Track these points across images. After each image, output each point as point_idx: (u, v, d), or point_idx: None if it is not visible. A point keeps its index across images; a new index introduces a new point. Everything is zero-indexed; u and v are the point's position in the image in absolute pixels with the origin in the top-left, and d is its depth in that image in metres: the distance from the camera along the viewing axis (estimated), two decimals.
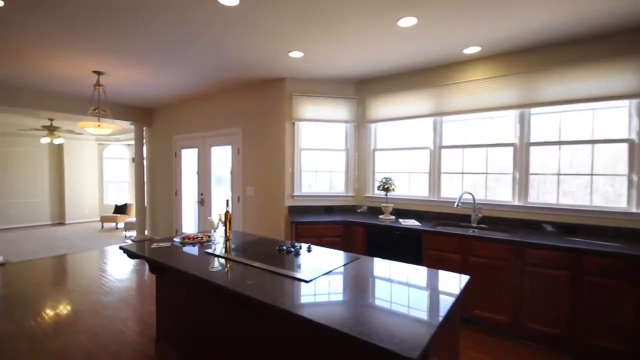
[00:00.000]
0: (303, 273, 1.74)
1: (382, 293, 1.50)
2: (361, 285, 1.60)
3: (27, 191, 8.62)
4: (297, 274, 1.72)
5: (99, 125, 3.89)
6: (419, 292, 1.52)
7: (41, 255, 5.48)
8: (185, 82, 4.50)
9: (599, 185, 2.92)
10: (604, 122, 2.89)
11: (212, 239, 2.54)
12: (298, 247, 2.28)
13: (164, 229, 6.32)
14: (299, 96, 4.15)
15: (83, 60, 3.68)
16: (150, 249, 2.27)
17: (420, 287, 1.58)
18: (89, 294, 3.71)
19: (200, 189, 5.44)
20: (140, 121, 6.38)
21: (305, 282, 1.61)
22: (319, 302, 1.37)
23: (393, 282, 1.65)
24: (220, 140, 5.08)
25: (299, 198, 4.24)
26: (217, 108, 5.12)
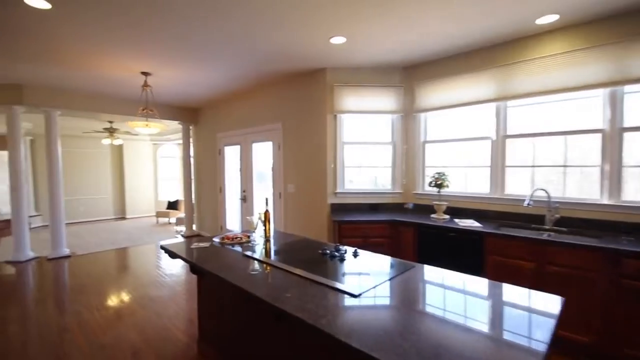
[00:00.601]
0: (350, 284, 1.51)
1: (452, 315, 1.21)
2: (423, 303, 1.33)
3: (93, 189, 9.47)
4: (343, 285, 1.49)
5: (147, 124, 4.01)
6: (507, 317, 1.21)
7: (104, 248, 5.91)
8: (226, 79, 4.47)
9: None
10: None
11: (251, 239, 2.41)
12: (343, 251, 2.05)
13: (210, 225, 6.50)
14: (340, 87, 3.90)
15: (131, 62, 3.79)
16: (190, 250, 2.20)
17: (506, 310, 1.26)
18: (141, 287, 3.85)
19: (243, 185, 5.45)
20: (187, 120, 6.59)
21: (354, 297, 1.37)
22: (371, 325, 1.13)
23: (459, 296, 1.35)
24: (261, 136, 5.02)
25: (342, 195, 4.00)
26: (257, 104, 5.06)
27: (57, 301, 3.48)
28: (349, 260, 1.91)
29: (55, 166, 5.11)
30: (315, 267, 1.79)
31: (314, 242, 2.43)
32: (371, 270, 1.74)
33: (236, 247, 2.28)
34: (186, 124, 6.67)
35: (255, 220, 2.40)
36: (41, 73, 4.19)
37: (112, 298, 3.54)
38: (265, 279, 1.62)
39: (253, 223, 2.40)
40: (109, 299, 3.51)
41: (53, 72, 4.13)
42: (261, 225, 2.48)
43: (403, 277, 1.62)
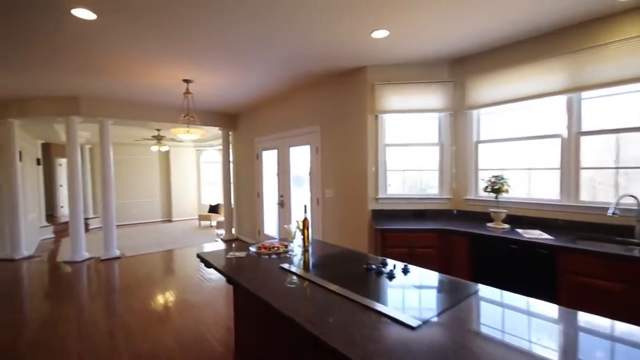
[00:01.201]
0: (403, 311, 1.27)
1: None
2: (504, 344, 1.05)
3: (143, 192, 10.07)
4: (396, 312, 1.26)
5: (188, 130, 4.07)
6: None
7: (150, 249, 6.17)
8: (264, 83, 4.43)
9: None
10: None
11: (289, 249, 2.25)
12: (391, 267, 1.80)
13: (248, 229, 6.52)
14: (382, 85, 3.65)
15: (173, 70, 3.87)
16: (225, 259, 2.08)
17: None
18: (181, 292, 3.89)
19: (280, 190, 5.37)
20: (226, 126, 6.71)
21: (411, 329, 1.13)
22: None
23: (551, 331, 1.06)
24: (299, 140, 4.91)
25: (384, 201, 3.73)
26: (294, 107, 4.96)
27: (104, 302, 3.60)
28: (399, 278, 1.66)
29: (108, 172, 5.42)
30: (361, 285, 1.57)
31: (356, 253, 2.20)
32: (426, 293, 1.48)
33: (273, 257, 2.13)
34: (226, 130, 6.80)
35: (293, 229, 2.24)
36: (94, 84, 4.45)
37: (153, 301, 3.60)
38: (303, 297, 1.43)
39: (291, 232, 2.24)
40: (151, 302, 3.56)
41: (104, 83, 4.36)
42: (299, 234, 2.31)
43: (467, 304, 1.34)
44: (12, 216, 5.38)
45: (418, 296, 1.46)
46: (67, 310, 3.41)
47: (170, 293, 3.86)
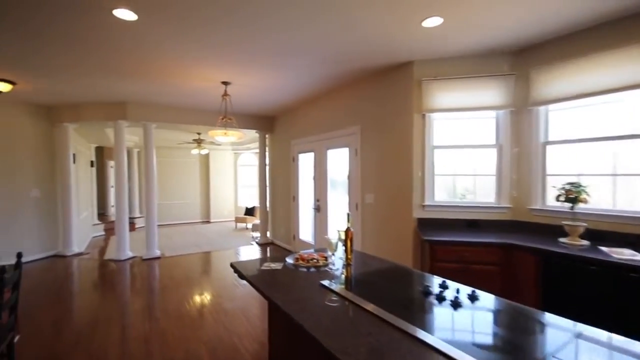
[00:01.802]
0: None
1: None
2: None
3: (184, 194, 10.43)
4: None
5: (225, 132, 4.02)
6: None
7: (189, 250, 6.27)
8: (302, 83, 4.27)
9: None
10: None
11: (329, 262, 2.01)
12: (454, 291, 1.50)
13: (283, 233, 6.40)
14: (430, 81, 3.32)
15: (212, 72, 3.84)
16: (260, 271, 1.90)
17: None
18: (216, 296, 3.81)
19: (316, 194, 5.18)
20: (263, 129, 6.67)
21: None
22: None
23: None
24: (337, 142, 4.68)
25: (431, 208, 3.38)
26: (333, 108, 4.75)
27: (143, 304, 3.61)
28: (467, 307, 1.35)
29: (151, 174, 5.58)
30: (418, 314, 1.29)
31: (406, 271, 1.92)
32: (511, 333, 1.17)
33: (312, 270, 1.91)
34: (262, 132, 6.77)
35: (334, 241, 2.01)
36: (139, 90, 4.58)
37: (189, 304, 3.54)
38: (348, 326, 1.19)
39: (332, 244, 2.00)
40: (187, 305, 3.51)
41: (148, 88, 4.47)
42: (340, 245, 2.07)
43: (571, 353, 1.01)
44: (65, 215, 5.72)
45: (498, 333, 1.15)
46: (108, 309, 3.45)
47: (205, 297, 3.79)
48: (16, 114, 5.21)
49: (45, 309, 3.45)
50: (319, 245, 5.09)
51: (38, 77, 4.03)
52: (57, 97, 4.99)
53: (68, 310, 3.46)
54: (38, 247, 5.47)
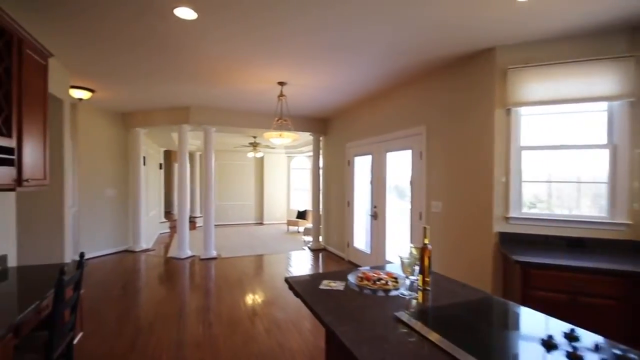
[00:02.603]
0: None
1: None
2: None
3: (239, 196, 10.78)
4: None
5: (280, 134, 3.89)
6: None
7: (243, 252, 6.33)
8: (361, 81, 3.97)
9: None
10: None
11: (401, 284, 1.67)
12: (590, 345, 1.05)
13: (337, 240, 6.13)
14: (519, 69, 2.78)
15: (268, 73, 3.74)
16: (319, 291, 1.62)
17: None
18: (268, 304, 3.66)
19: (374, 200, 4.81)
20: (317, 131, 6.50)
21: None
22: None
23: None
24: (398, 144, 4.28)
25: (518, 222, 2.81)
26: (394, 106, 4.36)
27: (198, 306, 3.60)
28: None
29: (210, 176, 5.74)
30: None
31: (501, 303, 1.49)
32: None
33: (379, 293, 1.58)
34: (316, 135, 6.60)
35: (407, 260, 1.65)
36: (201, 93, 4.70)
37: (241, 312, 3.43)
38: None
39: (406, 264, 1.65)
40: (239, 312, 3.40)
41: (209, 91, 4.55)
42: (410, 263, 1.70)
43: None
44: (135, 213, 6.15)
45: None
46: (166, 308, 3.49)
47: (257, 304, 3.67)
48: (96, 120, 5.73)
49: (111, 304, 3.61)
50: (376, 255, 4.71)
51: (111, 84, 4.32)
52: (129, 103, 5.38)
53: (131, 306, 3.57)
54: (112, 241, 5.94)
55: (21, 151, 2.05)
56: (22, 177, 2.06)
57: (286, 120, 4.13)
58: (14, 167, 2.00)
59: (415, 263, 1.64)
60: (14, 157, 1.99)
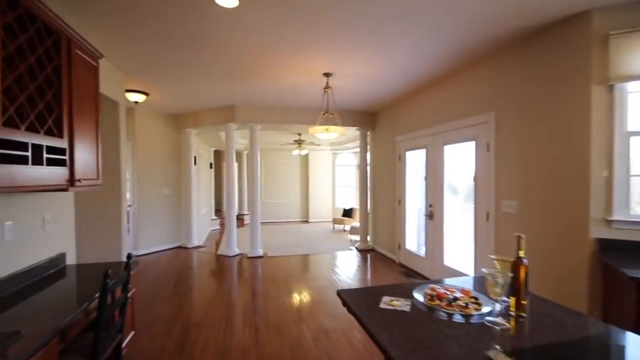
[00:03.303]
0: None
1: None
2: None
3: (285, 194, 10.82)
4: None
5: (327, 129, 3.65)
6: None
7: (289, 251, 6.24)
8: (414, 66, 3.57)
9: None
10: None
11: (484, 307, 1.32)
12: None
13: (386, 240, 5.74)
14: (624, 35, 2.20)
15: (313, 63, 3.52)
16: (379, 311, 1.34)
17: None
18: (316, 310, 3.45)
19: (429, 198, 4.36)
20: (364, 126, 6.16)
21: None
22: None
23: None
24: (458, 136, 3.79)
25: (625, 225, 2.24)
26: (453, 93, 3.87)
27: (244, 308, 3.52)
28: None
29: (256, 173, 5.72)
30: None
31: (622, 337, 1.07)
32: None
33: (457, 318, 1.25)
34: (363, 130, 6.25)
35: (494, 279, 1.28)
36: (246, 90, 4.64)
37: (288, 317, 3.26)
38: None
39: (492, 282, 1.28)
40: (286, 317, 3.24)
41: (253, 88, 4.47)
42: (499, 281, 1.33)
43: None
44: (187, 211, 6.37)
45: None
46: (214, 308, 3.46)
47: (305, 309, 3.48)
48: (152, 123, 6.02)
49: (163, 301, 3.68)
50: (432, 259, 4.26)
51: (162, 85, 4.43)
52: (180, 105, 5.54)
53: (181, 304, 3.60)
54: (166, 238, 6.22)
55: (73, 151, 2.05)
56: (75, 178, 2.06)
57: (332, 114, 3.87)
58: (66, 167, 2.00)
59: (504, 281, 1.27)
60: (65, 157, 1.99)
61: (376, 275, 4.67)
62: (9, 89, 1.58)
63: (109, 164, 3.79)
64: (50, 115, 1.88)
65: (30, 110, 1.73)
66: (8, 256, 1.89)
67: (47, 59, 1.87)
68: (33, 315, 1.55)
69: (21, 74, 1.66)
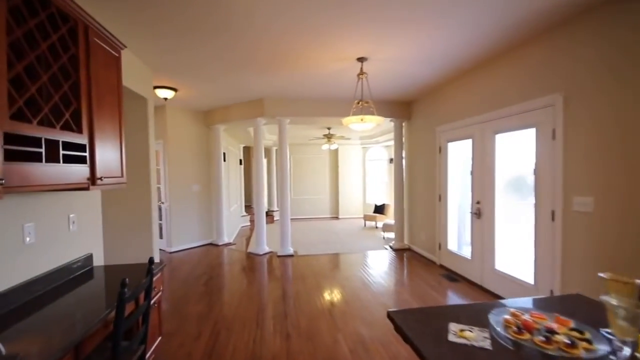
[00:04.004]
0: None
1: None
2: None
3: (314, 189, 10.61)
4: None
5: (362, 119, 3.32)
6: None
7: (320, 249, 6.02)
8: (465, 43, 3.13)
9: None
10: None
11: (596, 344, 0.96)
12: None
13: (424, 240, 5.32)
14: None
15: (347, 47, 3.21)
16: (447, 344, 1.03)
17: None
18: (351, 316, 3.17)
19: (476, 195, 3.90)
20: (399, 116, 5.73)
21: None
22: None
23: None
24: (513, 123, 3.31)
25: None
26: (509, 74, 3.38)
27: (275, 311, 3.32)
28: None
29: (285, 169, 5.52)
30: None
31: None
32: None
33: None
34: (398, 121, 5.83)
35: (623, 310, 0.92)
36: (275, 82, 4.42)
37: (320, 322, 3.01)
38: None
39: (615, 311, 0.93)
40: (319, 324, 2.99)
41: (282, 79, 4.23)
42: (621, 312, 0.97)
43: None
44: (217, 208, 6.32)
45: None
46: (244, 310, 3.30)
47: (339, 315, 3.21)
48: (182, 120, 6.00)
49: (193, 302, 3.57)
50: (480, 262, 3.82)
51: (190, 80, 4.32)
52: (208, 100, 5.45)
53: (211, 306, 3.47)
54: (197, 235, 6.22)
55: (93, 148, 1.90)
56: (96, 176, 1.92)
57: (367, 103, 3.53)
58: (87, 165, 1.86)
59: (632, 313, 0.91)
60: (85, 154, 1.85)
61: (415, 277, 4.30)
62: (19, 79, 1.44)
63: (138, 161, 3.73)
64: (68, 109, 1.74)
65: (45, 103, 1.59)
66: (29, 258, 1.79)
67: (63, 48, 1.72)
68: (46, 327, 1.41)
69: (32, 62, 1.51)
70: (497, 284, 3.54)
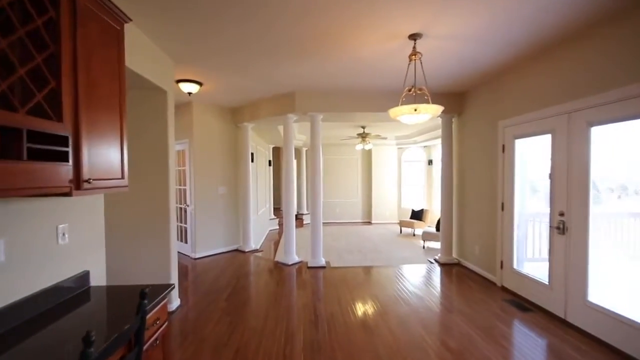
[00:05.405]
0: None
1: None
2: None
3: (346, 192, 10.01)
4: None
5: (415, 109, 2.68)
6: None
7: (354, 257, 5.45)
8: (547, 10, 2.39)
9: None
10: None
11: None
12: None
13: (479, 255, 4.53)
14: None
15: (397, 22, 2.61)
16: None
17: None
18: (400, 354, 2.53)
19: (556, 204, 3.10)
20: (449, 110, 4.96)
21: None
22: None
23: None
24: (615, 111, 2.51)
25: None
26: (606, 50, 2.59)
27: (304, 342, 2.76)
28: None
29: (317, 170, 4.98)
30: None
31: None
32: None
33: None
34: (447, 115, 5.08)
35: None
36: (307, 72, 3.90)
37: None
38: None
39: None
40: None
41: (317, 68, 3.69)
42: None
43: None
44: (244, 213, 5.91)
45: None
46: (268, 342, 2.77)
47: (385, 351, 2.58)
48: (209, 117, 5.65)
49: (212, 321, 3.10)
50: (563, 290, 3.02)
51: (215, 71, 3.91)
52: (235, 95, 5.04)
53: (232, 328, 2.98)
54: (223, 241, 5.84)
55: (79, 142, 1.45)
56: (82, 177, 1.47)
57: (421, 89, 2.88)
58: (69, 163, 1.41)
59: None
60: (67, 149, 1.40)
61: (473, 303, 3.55)
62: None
63: (155, 161, 3.35)
64: (41, 89, 1.29)
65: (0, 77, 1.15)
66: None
67: (37, 9, 1.28)
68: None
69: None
70: (590, 320, 2.73)
